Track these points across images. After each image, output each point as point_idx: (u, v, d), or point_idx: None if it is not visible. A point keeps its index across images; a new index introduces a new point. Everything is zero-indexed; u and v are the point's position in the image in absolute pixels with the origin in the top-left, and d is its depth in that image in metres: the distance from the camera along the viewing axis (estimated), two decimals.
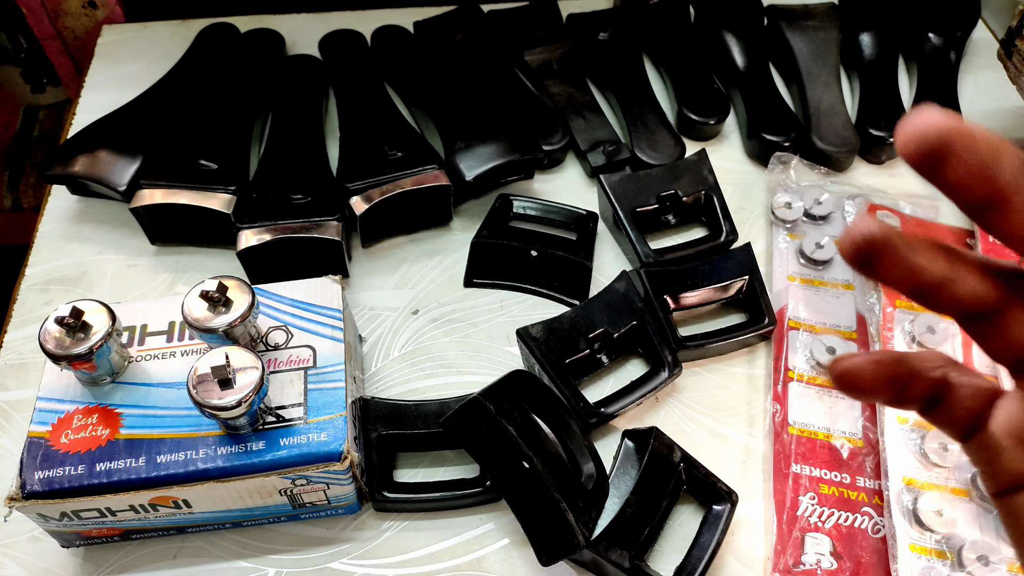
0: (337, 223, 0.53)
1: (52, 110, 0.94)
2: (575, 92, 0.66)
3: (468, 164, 0.57)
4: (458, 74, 0.66)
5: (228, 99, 0.62)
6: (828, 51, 0.69)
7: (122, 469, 0.38)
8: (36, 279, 0.56)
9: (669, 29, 0.71)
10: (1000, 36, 0.63)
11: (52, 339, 0.39)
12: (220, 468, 0.39)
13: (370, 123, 0.60)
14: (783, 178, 0.61)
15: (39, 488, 0.38)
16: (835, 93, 0.66)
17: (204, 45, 0.68)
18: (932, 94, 0.67)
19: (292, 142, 0.59)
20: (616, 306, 0.51)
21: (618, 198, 0.56)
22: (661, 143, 0.63)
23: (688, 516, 0.46)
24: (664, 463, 0.44)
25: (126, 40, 0.73)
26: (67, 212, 0.60)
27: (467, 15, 0.71)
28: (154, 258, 0.57)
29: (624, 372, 0.52)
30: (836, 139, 0.62)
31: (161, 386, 0.41)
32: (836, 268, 0.56)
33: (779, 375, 0.50)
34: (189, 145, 0.57)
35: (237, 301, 0.41)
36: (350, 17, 0.75)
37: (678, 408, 0.50)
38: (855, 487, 0.46)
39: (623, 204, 0.56)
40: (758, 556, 0.44)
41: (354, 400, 0.44)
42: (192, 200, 0.53)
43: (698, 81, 0.67)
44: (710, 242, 0.56)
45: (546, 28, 0.71)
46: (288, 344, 0.43)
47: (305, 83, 0.65)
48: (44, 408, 0.40)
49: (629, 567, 0.41)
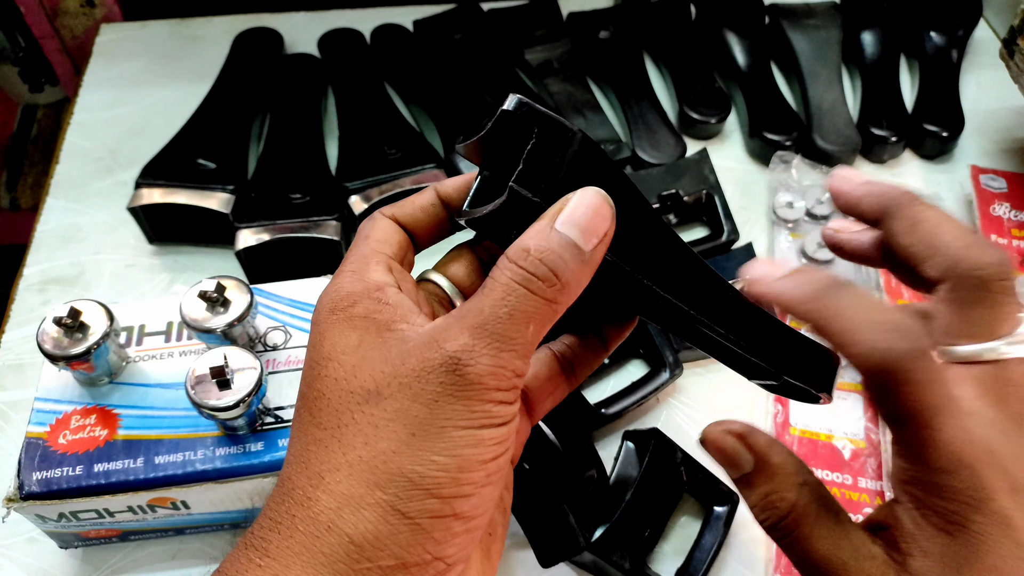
0: (336, 223, 0.53)
1: (50, 109, 0.94)
2: (575, 91, 0.66)
3: (467, 163, 0.56)
4: (458, 73, 0.65)
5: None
6: (830, 50, 0.68)
7: (120, 470, 0.38)
8: (34, 279, 0.56)
9: (670, 27, 0.71)
10: (1002, 35, 0.62)
11: (50, 339, 0.39)
12: (219, 469, 0.38)
13: (369, 122, 0.60)
14: (785, 177, 0.60)
15: (37, 489, 0.38)
16: (837, 92, 0.66)
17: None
18: (934, 93, 0.67)
19: (291, 141, 0.59)
20: None
21: None
22: (662, 142, 0.62)
23: (689, 517, 0.45)
24: (665, 464, 0.44)
25: (124, 39, 0.73)
26: (65, 212, 0.59)
27: (467, 13, 0.71)
28: (152, 258, 0.57)
29: (625, 373, 0.51)
30: (838, 138, 0.62)
31: (159, 387, 0.41)
32: (838, 268, 0.55)
33: None
34: (187, 144, 0.57)
35: (235, 301, 0.41)
36: (349, 16, 0.75)
37: (679, 409, 0.50)
38: (857, 488, 0.46)
39: None
40: (759, 557, 0.44)
41: None
42: (190, 200, 0.53)
43: (699, 80, 0.67)
44: (711, 242, 0.56)
45: (546, 26, 0.70)
46: (287, 344, 0.43)
47: (304, 82, 0.65)
48: (42, 409, 0.40)
49: (630, 569, 0.41)
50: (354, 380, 0.24)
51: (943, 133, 0.63)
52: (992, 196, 0.59)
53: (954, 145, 0.64)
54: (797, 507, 0.27)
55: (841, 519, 0.27)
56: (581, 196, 0.25)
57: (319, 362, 0.25)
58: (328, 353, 0.25)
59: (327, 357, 0.25)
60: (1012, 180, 0.60)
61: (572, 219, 0.24)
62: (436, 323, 0.25)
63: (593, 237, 0.24)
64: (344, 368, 0.25)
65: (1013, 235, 0.57)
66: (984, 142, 0.67)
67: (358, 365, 0.24)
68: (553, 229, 0.24)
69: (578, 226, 0.24)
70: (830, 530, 0.27)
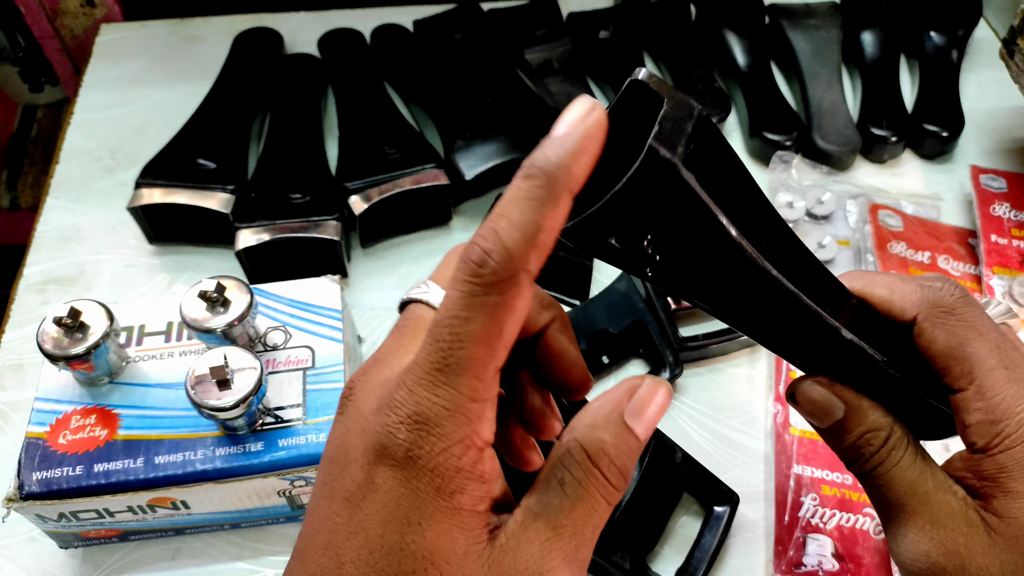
0: (336, 222, 0.53)
1: (50, 109, 0.94)
2: (575, 91, 0.66)
3: (468, 163, 0.56)
4: (458, 73, 0.65)
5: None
6: (830, 50, 0.68)
7: (120, 470, 0.38)
8: (34, 279, 0.56)
9: (670, 27, 0.71)
10: (1002, 35, 0.62)
11: (50, 339, 0.39)
12: (218, 469, 0.38)
13: (369, 122, 0.60)
14: (785, 177, 0.60)
15: (37, 489, 0.38)
16: (837, 92, 0.66)
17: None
18: (934, 93, 0.67)
19: (291, 141, 0.59)
20: (617, 306, 0.51)
21: None
22: None
23: (689, 517, 0.45)
24: (665, 464, 0.44)
25: (124, 39, 0.73)
26: (65, 212, 0.59)
27: (467, 13, 0.71)
28: (152, 258, 0.57)
29: (625, 373, 0.51)
30: (838, 138, 0.62)
31: (159, 387, 0.41)
32: (838, 268, 0.55)
33: (781, 376, 0.50)
34: (187, 144, 0.57)
35: (235, 301, 0.41)
36: (349, 16, 0.75)
37: (679, 409, 0.50)
38: (857, 488, 0.46)
39: None
40: (759, 557, 0.44)
41: None
42: (190, 200, 0.53)
43: (699, 79, 0.67)
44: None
45: (546, 26, 0.70)
46: (287, 344, 0.43)
47: (304, 82, 0.65)
48: (42, 409, 0.40)
49: (630, 569, 0.41)
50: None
51: (943, 133, 0.63)
52: (992, 196, 0.59)
53: (954, 145, 0.64)
54: (891, 439, 0.28)
55: (927, 457, 0.28)
56: (651, 389, 0.24)
57: (413, 557, 0.21)
58: (429, 553, 0.21)
59: (426, 559, 0.21)
60: (1012, 180, 0.60)
61: (645, 419, 0.24)
62: (531, 550, 0.22)
63: (650, 433, 0.24)
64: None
65: (1013, 235, 0.57)
66: (984, 142, 0.66)
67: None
68: (627, 429, 0.23)
69: (646, 425, 0.24)
70: (916, 462, 0.28)
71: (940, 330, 0.27)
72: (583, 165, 0.21)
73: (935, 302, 0.27)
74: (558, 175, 0.21)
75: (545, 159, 0.21)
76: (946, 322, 0.27)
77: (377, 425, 0.22)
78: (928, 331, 0.27)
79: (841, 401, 0.29)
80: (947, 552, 0.27)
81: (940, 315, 0.27)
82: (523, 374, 0.29)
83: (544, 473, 0.24)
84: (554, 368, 0.28)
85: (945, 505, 0.27)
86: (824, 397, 0.29)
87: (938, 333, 0.27)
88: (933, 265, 0.55)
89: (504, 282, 0.21)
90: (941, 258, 0.56)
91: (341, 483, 0.23)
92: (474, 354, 0.21)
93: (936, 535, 0.27)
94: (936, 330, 0.27)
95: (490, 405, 0.22)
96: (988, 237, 0.56)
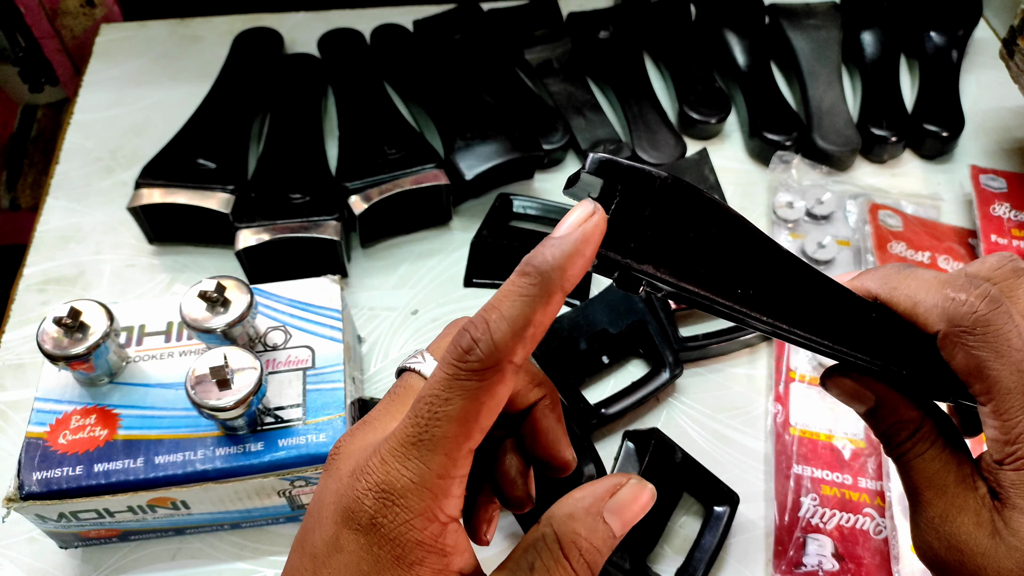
0: (336, 222, 0.53)
1: (50, 109, 0.94)
2: (575, 91, 0.66)
3: (468, 163, 0.56)
4: (458, 73, 0.65)
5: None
6: (830, 50, 0.68)
7: (120, 470, 0.38)
8: (34, 279, 0.56)
9: (670, 27, 0.71)
10: (1002, 35, 0.62)
11: (50, 339, 0.39)
12: (218, 469, 0.38)
13: (369, 122, 0.60)
14: (785, 177, 0.60)
15: (37, 489, 0.38)
16: (837, 92, 0.66)
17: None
18: (934, 93, 0.67)
19: (291, 141, 0.59)
20: (617, 306, 0.51)
21: None
22: (662, 142, 0.62)
23: (689, 517, 0.45)
24: (665, 464, 0.44)
25: (124, 39, 0.73)
26: (65, 212, 0.59)
27: (467, 13, 0.71)
28: (152, 258, 0.57)
29: (625, 373, 0.51)
30: (838, 138, 0.62)
31: (159, 387, 0.41)
32: (838, 268, 0.55)
33: (780, 376, 0.50)
34: (187, 144, 0.57)
35: (235, 301, 0.41)
36: (349, 15, 0.75)
37: (679, 409, 0.50)
38: (857, 488, 0.46)
39: None
40: (759, 557, 0.44)
41: (353, 401, 0.44)
42: (190, 200, 0.53)
43: (699, 80, 0.67)
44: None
45: (546, 26, 0.70)
46: (287, 344, 0.43)
47: (304, 82, 0.65)
48: (42, 409, 0.40)
49: (630, 569, 0.41)
50: None
51: (943, 133, 0.63)
52: (992, 196, 0.59)
53: (954, 145, 0.64)
54: (919, 432, 0.29)
55: (959, 453, 0.29)
56: (635, 489, 0.25)
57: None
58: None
59: None
60: (1012, 180, 0.60)
61: (624, 518, 0.25)
62: None
63: (626, 531, 0.25)
64: None
65: (1013, 235, 0.57)
66: (984, 142, 0.67)
67: None
68: (604, 525, 0.24)
69: (624, 523, 0.25)
70: (941, 456, 0.28)
71: (959, 350, 0.27)
72: (578, 268, 0.23)
73: (955, 320, 0.27)
74: (552, 276, 0.22)
75: (542, 259, 0.22)
76: (965, 342, 0.27)
77: (348, 488, 0.23)
78: (948, 348, 0.27)
79: (872, 393, 0.30)
80: (949, 547, 0.27)
81: (959, 334, 0.27)
82: (508, 442, 0.30)
83: (516, 553, 0.25)
84: (538, 444, 0.29)
85: (960, 501, 0.27)
86: (853, 386, 0.30)
87: (957, 352, 0.27)
88: (933, 265, 0.55)
89: (488, 370, 0.22)
90: (941, 258, 0.56)
91: (311, 539, 0.24)
92: (448, 433, 0.22)
93: (943, 528, 0.27)
94: (955, 349, 0.27)
95: (459, 482, 0.23)
96: (988, 237, 0.56)
